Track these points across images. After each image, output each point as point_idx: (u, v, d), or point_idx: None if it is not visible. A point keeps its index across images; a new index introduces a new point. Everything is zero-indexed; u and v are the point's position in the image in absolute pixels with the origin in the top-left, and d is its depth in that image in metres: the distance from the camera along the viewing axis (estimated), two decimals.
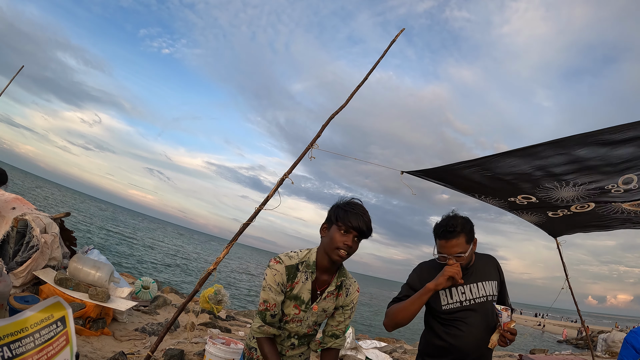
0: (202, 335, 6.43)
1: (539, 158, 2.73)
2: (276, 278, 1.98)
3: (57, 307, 2.91)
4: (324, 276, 2.07)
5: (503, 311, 2.15)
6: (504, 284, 2.49)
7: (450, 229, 2.20)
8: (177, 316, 3.10)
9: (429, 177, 3.59)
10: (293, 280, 2.01)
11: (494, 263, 2.48)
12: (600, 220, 3.83)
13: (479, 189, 3.61)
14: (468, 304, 2.31)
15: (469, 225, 2.25)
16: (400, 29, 3.82)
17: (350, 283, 2.15)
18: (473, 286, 2.34)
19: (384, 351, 8.09)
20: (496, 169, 3.04)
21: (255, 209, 3.17)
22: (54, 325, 2.82)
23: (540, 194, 3.35)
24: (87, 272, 5.51)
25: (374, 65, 3.61)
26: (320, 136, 3.34)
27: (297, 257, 2.05)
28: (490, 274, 2.41)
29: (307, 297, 2.03)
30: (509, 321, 2.15)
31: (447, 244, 2.21)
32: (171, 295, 9.64)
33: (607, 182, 2.91)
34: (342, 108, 3.48)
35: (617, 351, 13.10)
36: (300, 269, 2.02)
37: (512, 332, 2.15)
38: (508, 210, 3.99)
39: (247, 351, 2.22)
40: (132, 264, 23.88)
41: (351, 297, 2.15)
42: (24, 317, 2.65)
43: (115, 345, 5.10)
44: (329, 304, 2.09)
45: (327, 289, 2.06)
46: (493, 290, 2.37)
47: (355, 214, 1.92)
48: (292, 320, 2.06)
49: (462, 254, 2.20)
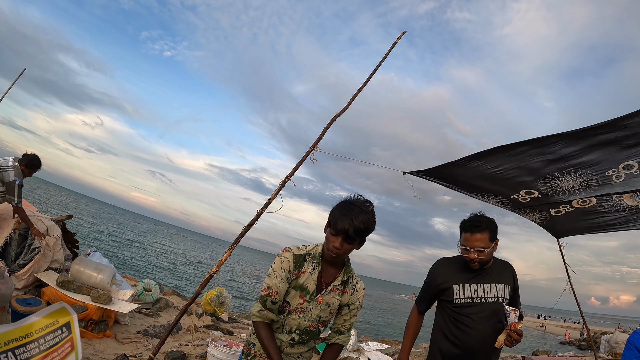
0: (204, 338, 6.43)
1: (540, 146, 2.76)
2: (283, 265, 2.03)
3: (63, 313, 2.91)
4: (329, 270, 2.11)
5: (512, 312, 2.25)
6: (517, 291, 2.60)
7: (476, 223, 2.39)
8: (180, 318, 3.10)
9: (431, 178, 3.59)
10: (300, 269, 2.06)
11: (510, 270, 2.60)
12: (602, 216, 3.83)
13: (482, 188, 3.61)
14: (479, 301, 2.44)
15: (494, 225, 2.43)
16: (402, 30, 3.83)
17: (356, 281, 2.19)
18: (486, 285, 2.46)
19: (386, 353, 8.08)
20: (498, 161, 3.04)
21: (258, 212, 3.17)
22: (59, 330, 2.82)
23: (542, 186, 3.35)
24: (89, 275, 5.52)
25: (375, 68, 3.62)
26: (322, 138, 3.35)
27: (305, 249, 2.12)
28: (504, 278, 2.53)
29: (312, 288, 2.06)
30: (516, 322, 2.25)
31: (472, 237, 2.38)
32: (173, 298, 9.65)
33: (608, 166, 2.91)
34: (344, 110, 3.48)
35: (620, 352, 13.05)
36: (308, 260, 2.08)
37: (518, 333, 2.25)
38: (511, 209, 3.99)
39: (246, 347, 2.23)
40: (134, 267, 23.91)
41: (357, 295, 2.18)
42: (28, 323, 2.65)
43: (117, 348, 5.10)
44: (333, 299, 2.11)
45: (333, 282, 2.10)
46: (505, 293, 2.48)
47: (344, 218, 1.93)
48: (295, 310, 2.06)
49: (484, 249, 2.36)
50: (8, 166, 4.89)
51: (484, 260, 2.41)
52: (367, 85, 3.55)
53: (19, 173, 4.93)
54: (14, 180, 4.80)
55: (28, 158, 5.09)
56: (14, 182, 4.80)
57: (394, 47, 3.68)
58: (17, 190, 4.82)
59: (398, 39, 3.72)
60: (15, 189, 4.82)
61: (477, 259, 2.39)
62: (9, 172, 4.83)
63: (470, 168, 3.22)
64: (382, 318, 36.98)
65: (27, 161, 5.07)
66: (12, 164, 4.93)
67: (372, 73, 3.60)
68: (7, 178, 4.80)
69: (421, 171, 3.47)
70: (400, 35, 3.76)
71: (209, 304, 6.13)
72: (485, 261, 2.43)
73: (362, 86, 3.52)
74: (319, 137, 3.33)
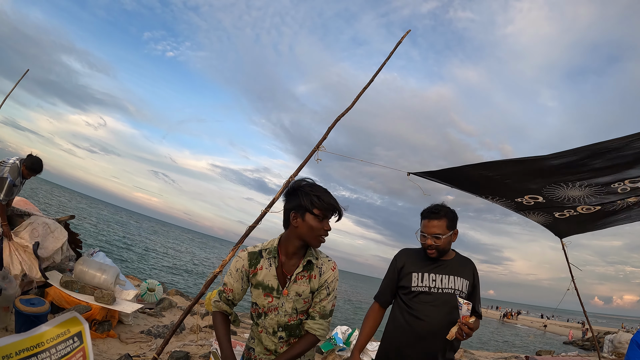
0: (208, 338, 6.44)
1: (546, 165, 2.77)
2: (237, 264, 2.06)
3: (74, 322, 2.90)
4: (291, 261, 2.05)
5: (464, 304, 2.26)
6: (476, 288, 2.60)
7: (435, 210, 2.49)
8: (184, 318, 3.10)
9: (436, 178, 3.59)
10: (255, 265, 2.05)
11: (471, 266, 2.62)
12: (606, 217, 3.82)
13: (486, 190, 3.61)
14: (435, 291, 2.47)
15: (452, 214, 2.51)
16: (405, 30, 3.82)
17: (322, 262, 2.09)
18: (444, 277, 2.50)
19: None
20: (503, 170, 3.06)
21: (262, 212, 3.17)
22: (71, 340, 2.82)
23: (547, 194, 3.35)
24: (93, 275, 5.53)
25: (379, 68, 3.61)
26: (326, 138, 3.34)
27: (261, 246, 2.12)
28: (464, 273, 2.55)
29: (274, 284, 2.02)
30: (467, 315, 2.25)
31: (429, 224, 2.47)
32: (177, 298, 9.66)
33: (615, 181, 2.91)
34: (347, 110, 3.48)
35: (623, 352, 13.02)
36: (264, 256, 2.06)
37: (469, 327, 2.24)
38: (514, 210, 3.98)
39: (246, 351, 2.23)
40: (138, 267, 23.94)
41: (325, 276, 2.07)
42: (39, 332, 2.64)
43: (120, 348, 5.11)
44: (302, 287, 2.03)
45: (295, 271, 2.03)
46: (463, 287, 2.50)
47: (328, 197, 1.95)
48: (269, 310, 2.04)
49: (440, 235, 2.44)
50: (7, 163, 4.91)
51: (440, 248, 2.47)
52: (370, 85, 3.55)
53: (15, 172, 4.93)
54: (6, 177, 4.82)
55: (30, 160, 5.11)
56: (5, 179, 4.82)
57: (398, 47, 3.67)
58: (6, 187, 4.85)
59: (402, 37, 3.71)
60: (5, 185, 4.84)
61: (434, 246, 2.45)
62: (5, 168, 4.86)
63: (475, 174, 3.22)
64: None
65: (29, 163, 5.09)
66: (12, 162, 4.95)
67: (376, 72, 3.59)
68: (1, 173, 4.83)
69: (425, 172, 3.47)
70: (405, 34, 3.75)
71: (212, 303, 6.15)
72: (442, 250, 2.48)
73: (367, 85, 3.51)
74: (323, 137, 3.32)
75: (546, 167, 2.86)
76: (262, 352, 2.14)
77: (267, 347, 2.11)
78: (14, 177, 4.91)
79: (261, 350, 2.14)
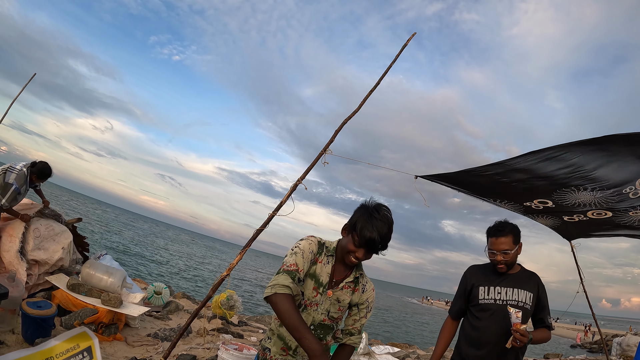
0: (215, 341, 6.44)
1: (557, 161, 2.74)
2: (311, 246, 2.05)
3: (83, 337, 2.91)
4: (340, 267, 2.11)
5: (514, 313, 2.43)
6: (541, 300, 2.74)
7: (500, 228, 2.65)
8: (191, 321, 3.10)
9: (443, 182, 3.57)
10: (320, 254, 2.09)
11: (535, 279, 2.76)
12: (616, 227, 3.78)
13: (494, 194, 3.59)
14: (500, 303, 2.64)
15: (516, 230, 2.67)
16: (410, 32, 3.82)
17: (366, 281, 2.19)
18: (509, 289, 2.67)
19: (397, 356, 8.04)
20: (513, 175, 3.03)
21: (269, 215, 3.17)
22: (80, 355, 2.82)
23: (556, 198, 3.32)
24: (100, 278, 5.54)
25: (385, 70, 3.60)
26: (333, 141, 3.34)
27: (323, 240, 2.15)
28: (528, 286, 2.70)
29: (325, 280, 2.06)
30: (518, 322, 2.41)
31: (497, 241, 2.63)
32: (183, 301, 9.66)
33: (626, 183, 2.87)
34: (354, 113, 3.47)
35: (632, 355, 12.90)
36: (324, 251, 2.10)
37: (521, 333, 2.40)
38: (522, 214, 3.95)
39: (261, 352, 2.21)
40: (145, 270, 24.01)
41: (366, 294, 2.17)
42: (49, 347, 2.65)
43: (127, 351, 5.12)
44: (344, 296, 2.10)
45: (345, 279, 2.10)
46: (527, 299, 2.66)
47: (371, 231, 1.90)
48: (310, 304, 2.06)
49: (508, 251, 2.60)
50: (14, 169, 4.94)
51: (509, 262, 2.64)
52: (376, 88, 3.54)
53: (22, 179, 4.96)
54: (12, 183, 4.84)
55: (39, 168, 5.15)
56: (10, 186, 4.85)
57: (403, 50, 3.66)
58: (10, 193, 4.87)
59: (408, 41, 3.70)
60: (9, 192, 4.86)
61: (503, 261, 2.62)
62: (12, 174, 4.88)
63: (484, 177, 3.20)
64: (393, 321, 36.85)
65: (38, 172, 5.14)
66: (18, 168, 4.97)
67: (382, 75, 3.58)
68: (7, 179, 4.86)
69: (433, 175, 3.45)
70: (410, 38, 3.74)
71: (219, 307, 6.14)
72: (510, 264, 2.65)
73: (373, 88, 3.50)
74: (330, 140, 3.32)
75: (556, 174, 2.86)
76: (279, 352, 2.12)
77: (288, 345, 2.10)
78: (20, 185, 4.93)
79: (277, 350, 2.12)
